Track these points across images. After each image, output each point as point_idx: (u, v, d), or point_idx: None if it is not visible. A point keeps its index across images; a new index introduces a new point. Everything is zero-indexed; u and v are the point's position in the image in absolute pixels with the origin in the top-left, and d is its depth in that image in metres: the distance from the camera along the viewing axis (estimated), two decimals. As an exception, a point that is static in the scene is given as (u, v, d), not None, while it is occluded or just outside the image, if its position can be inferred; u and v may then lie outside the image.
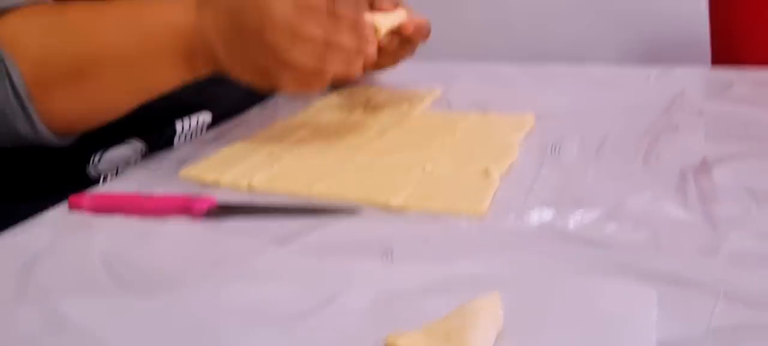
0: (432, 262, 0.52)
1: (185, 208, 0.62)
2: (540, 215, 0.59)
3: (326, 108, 0.95)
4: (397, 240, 0.56)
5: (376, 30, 0.75)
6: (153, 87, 0.75)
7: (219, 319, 0.46)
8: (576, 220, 0.58)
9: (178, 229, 0.61)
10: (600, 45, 2.21)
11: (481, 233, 0.57)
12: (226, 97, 0.91)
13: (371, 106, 0.94)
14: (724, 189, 0.63)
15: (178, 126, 0.85)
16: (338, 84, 0.99)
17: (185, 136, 0.86)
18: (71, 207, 0.65)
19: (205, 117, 0.89)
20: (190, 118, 0.87)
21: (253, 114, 0.96)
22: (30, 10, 0.70)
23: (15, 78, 0.68)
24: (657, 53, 2.14)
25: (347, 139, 0.82)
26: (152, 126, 0.83)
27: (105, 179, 0.81)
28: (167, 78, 0.74)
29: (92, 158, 0.81)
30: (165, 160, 0.80)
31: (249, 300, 0.48)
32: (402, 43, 0.89)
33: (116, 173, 0.82)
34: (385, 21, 0.79)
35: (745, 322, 0.43)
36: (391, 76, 1.06)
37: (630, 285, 0.48)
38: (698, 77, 1.07)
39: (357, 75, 0.73)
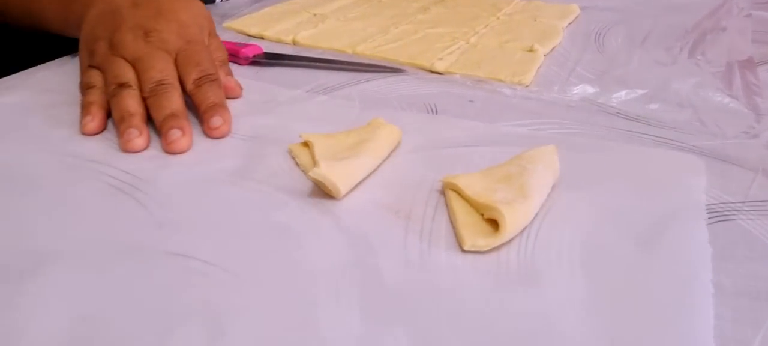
0: (477, 119, 0.53)
1: (232, 53, 0.63)
2: (583, 90, 0.59)
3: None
4: (441, 99, 0.57)
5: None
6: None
7: (265, 151, 0.47)
8: (619, 98, 0.58)
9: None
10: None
11: (525, 100, 0.57)
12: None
13: None
14: (768, 86, 0.63)
15: None
16: None
17: None
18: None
19: None
20: None
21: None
22: None
23: None
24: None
25: (391, 10, 0.81)
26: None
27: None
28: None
29: None
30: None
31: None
32: None
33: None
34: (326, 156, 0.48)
35: (782, 196, 0.44)
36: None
37: (680, 154, 0.48)
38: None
39: None
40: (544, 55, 0.68)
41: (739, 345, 0.32)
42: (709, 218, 0.41)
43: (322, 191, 0.42)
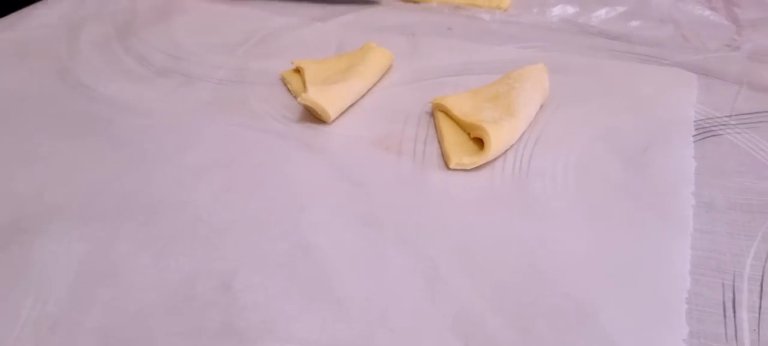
0: (458, 45, 0.52)
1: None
2: (563, 11, 0.58)
3: None
4: (420, 27, 0.55)
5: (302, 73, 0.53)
6: None
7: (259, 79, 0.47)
8: (599, 17, 0.57)
9: (220, 8, 0.60)
10: None
11: (504, 25, 0.56)
12: None
13: None
14: (746, -5, 0.62)
15: None
16: None
17: None
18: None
19: None
20: None
21: None
22: None
23: None
24: None
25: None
26: None
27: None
28: None
29: None
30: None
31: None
32: None
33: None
34: (316, 82, 0.51)
35: (764, 107, 0.44)
36: None
37: (668, 69, 0.48)
38: None
39: None
40: (521, -23, 0.66)
41: (735, 257, 0.32)
42: (698, 135, 0.41)
43: (314, 117, 0.42)
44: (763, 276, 0.31)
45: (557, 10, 0.58)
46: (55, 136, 0.41)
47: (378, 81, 0.47)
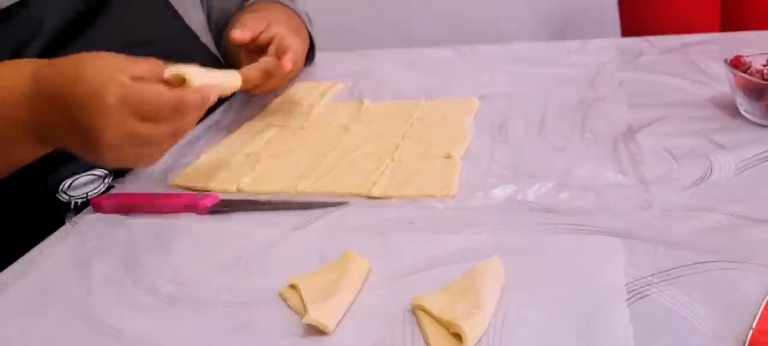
0: (423, 239, 0.62)
1: (191, 204, 0.70)
2: (503, 191, 0.69)
3: (278, 109, 1.02)
4: (387, 225, 0.65)
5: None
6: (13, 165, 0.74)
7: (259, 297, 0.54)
8: (534, 192, 0.68)
9: (208, 226, 0.69)
10: (512, 21, 2.34)
11: (457, 212, 0.66)
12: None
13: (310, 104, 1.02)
14: (649, 151, 0.74)
15: None
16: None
17: None
18: (94, 208, 0.75)
19: None
20: None
21: (216, 119, 1.02)
22: None
23: None
24: (569, 25, 2.30)
25: (314, 136, 0.90)
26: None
27: (76, 205, 0.85)
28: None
29: (61, 186, 0.84)
30: (146, 172, 0.85)
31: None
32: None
33: (86, 198, 0.85)
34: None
35: (680, 262, 0.54)
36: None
37: (598, 239, 0.58)
38: (612, 48, 1.18)
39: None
40: (461, 159, 0.77)
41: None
42: (630, 297, 0.50)
43: (315, 330, 0.51)
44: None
45: (498, 192, 0.69)
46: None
47: (361, 287, 0.55)
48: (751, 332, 0.45)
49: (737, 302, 0.49)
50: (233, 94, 1.04)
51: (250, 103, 1.07)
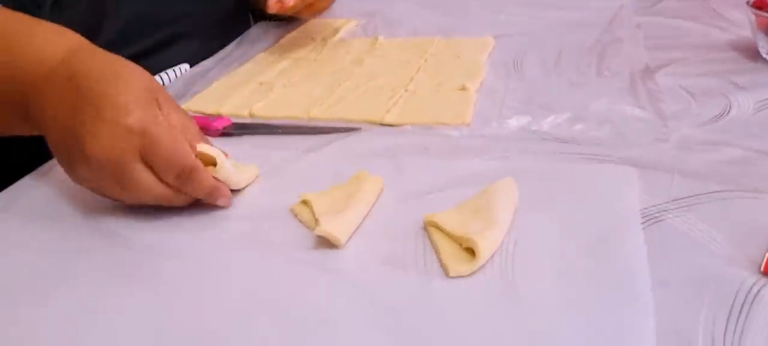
0: (436, 164, 0.61)
1: (204, 126, 0.70)
2: (517, 121, 0.68)
3: (291, 43, 1.01)
4: (401, 150, 0.64)
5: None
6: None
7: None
8: (549, 123, 0.67)
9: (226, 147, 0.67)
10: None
11: (471, 139, 0.66)
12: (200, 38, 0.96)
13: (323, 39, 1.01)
14: (667, 89, 0.73)
15: (160, 79, 0.89)
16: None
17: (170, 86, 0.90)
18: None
19: (184, 66, 0.93)
20: (170, 72, 0.90)
21: (229, 51, 1.01)
22: None
23: None
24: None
25: (328, 66, 0.89)
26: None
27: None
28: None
29: None
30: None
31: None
32: None
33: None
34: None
35: (696, 191, 0.54)
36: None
37: (614, 167, 0.58)
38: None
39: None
40: (476, 92, 0.76)
41: (693, 323, 0.40)
42: (644, 221, 0.50)
43: (327, 243, 0.51)
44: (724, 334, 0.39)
45: (513, 121, 0.68)
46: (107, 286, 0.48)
47: (374, 203, 0.55)
48: (767, 255, 0.45)
49: (753, 228, 0.49)
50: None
51: (263, 37, 1.06)
